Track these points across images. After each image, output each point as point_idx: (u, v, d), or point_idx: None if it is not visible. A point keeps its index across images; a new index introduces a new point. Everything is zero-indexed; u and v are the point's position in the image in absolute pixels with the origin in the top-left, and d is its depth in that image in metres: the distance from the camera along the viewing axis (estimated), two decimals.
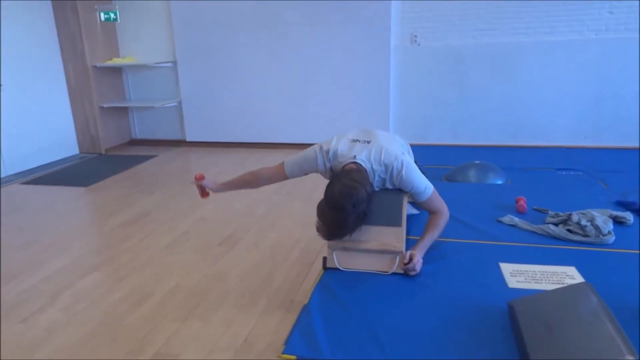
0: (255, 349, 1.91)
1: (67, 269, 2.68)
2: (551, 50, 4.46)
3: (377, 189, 1.81)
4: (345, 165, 1.74)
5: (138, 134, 5.85)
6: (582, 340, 1.18)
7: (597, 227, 1.91)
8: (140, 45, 5.47)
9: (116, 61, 5.40)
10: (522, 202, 2.28)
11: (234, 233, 3.09)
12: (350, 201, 1.57)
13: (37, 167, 4.90)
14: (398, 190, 1.83)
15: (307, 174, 1.95)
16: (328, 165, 1.82)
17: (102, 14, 5.22)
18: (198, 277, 2.53)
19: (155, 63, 5.28)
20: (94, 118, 5.30)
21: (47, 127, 5.04)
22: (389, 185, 1.83)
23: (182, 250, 2.87)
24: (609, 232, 1.90)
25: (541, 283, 1.61)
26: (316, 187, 3.90)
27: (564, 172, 3.58)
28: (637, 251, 1.81)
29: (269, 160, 4.84)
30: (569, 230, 1.96)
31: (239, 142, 5.44)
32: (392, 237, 1.72)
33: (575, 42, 4.39)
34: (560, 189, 3.02)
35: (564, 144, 4.53)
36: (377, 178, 1.77)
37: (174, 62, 5.39)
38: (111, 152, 5.48)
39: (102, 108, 5.34)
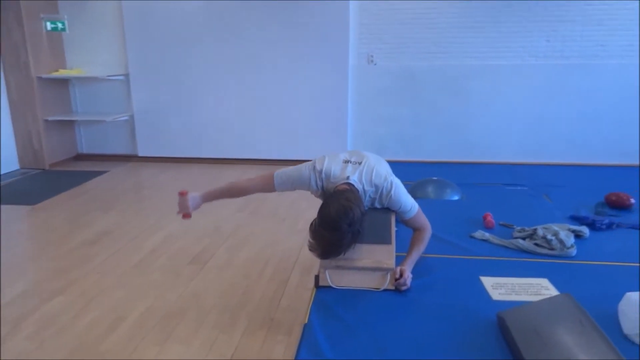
0: None
1: (26, 294, 2.53)
2: (497, 74, 4.77)
3: (366, 209, 1.87)
4: (339, 185, 1.79)
5: (85, 148, 5.60)
6: (574, 346, 1.29)
7: (561, 241, 2.08)
8: (90, 56, 5.27)
9: (63, 73, 5.17)
10: (490, 218, 2.43)
11: (203, 251, 3.04)
12: (346, 221, 1.63)
13: None
14: (386, 209, 1.91)
15: (294, 190, 1.97)
16: (320, 184, 1.86)
17: (48, 24, 4.99)
18: (173, 298, 2.47)
19: (107, 76, 5.10)
20: (38, 131, 5.03)
21: None
22: (377, 205, 1.90)
23: (152, 269, 2.79)
24: (572, 245, 2.08)
25: (521, 295, 1.73)
26: (278, 205, 3.93)
27: (511, 188, 3.83)
28: (597, 262, 1.99)
29: (227, 177, 4.81)
30: (536, 244, 2.12)
31: (195, 157, 5.35)
32: (383, 254, 1.79)
33: (518, 66, 4.73)
34: (514, 203, 3.22)
35: (510, 160, 4.84)
36: (367, 198, 1.84)
37: (126, 75, 5.24)
38: (56, 168, 5.21)
39: (46, 121, 5.07)
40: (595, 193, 3.24)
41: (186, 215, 2.14)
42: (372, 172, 1.86)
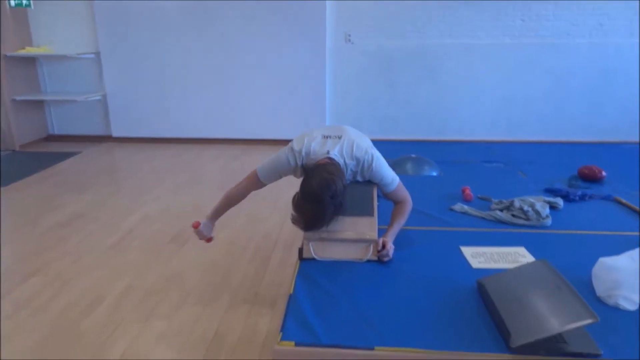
0: (228, 341, 1.90)
1: None
2: (471, 53, 4.81)
3: (348, 182, 1.87)
4: (320, 160, 1.79)
5: (56, 129, 5.43)
6: (551, 308, 1.34)
7: (537, 212, 2.13)
8: (58, 34, 5.08)
9: (30, 50, 4.97)
10: (469, 191, 2.48)
11: (182, 231, 3.00)
12: (328, 193, 1.63)
13: None
14: (368, 182, 1.92)
15: (281, 177, 1.95)
16: (299, 163, 1.85)
17: (12, 0, 4.79)
18: (153, 277, 2.45)
19: (77, 54, 4.93)
20: (5, 112, 4.85)
21: None
22: (359, 178, 1.91)
23: (130, 250, 2.75)
24: (547, 216, 2.13)
25: (499, 262, 1.77)
26: None
27: (487, 164, 3.89)
28: (572, 231, 2.05)
29: (206, 156, 4.75)
30: (513, 215, 2.17)
31: (171, 137, 5.26)
32: (366, 226, 1.80)
33: (492, 45, 4.77)
34: (490, 179, 3.29)
35: (485, 138, 4.91)
36: (348, 171, 1.84)
37: (97, 53, 5.08)
38: (27, 149, 5.05)
39: (14, 101, 4.90)
40: (567, 168, 3.33)
41: (208, 240, 2.16)
42: (352, 145, 1.86)
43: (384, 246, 1.76)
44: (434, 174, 3.56)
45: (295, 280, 1.64)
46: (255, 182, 1.97)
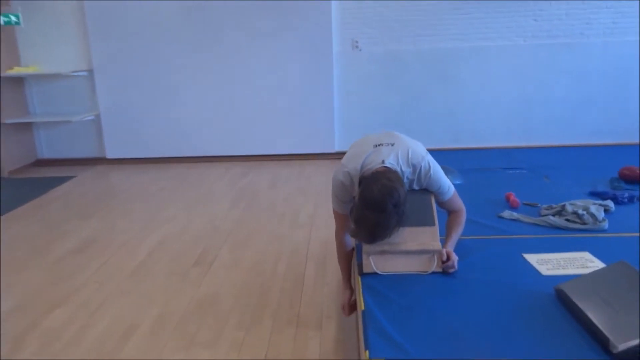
0: None
1: (19, 309, 2.42)
2: (485, 55, 4.91)
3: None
4: (376, 168, 1.80)
5: (46, 153, 5.39)
6: None
7: (592, 215, 2.17)
8: (47, 52, 5.07)
9: (19, 70, 4.96)
10: (514, 197, 2.51)
11: (204, 252, 3.00)
12: (391, 201, 1.63)
13: None
14: (424, 190, 1.93)
15: (352, 200, 1.90)
16: (355, 181, 1.85)
17: (1, 17, 4.78)
18: (184, 302, 2.43)
19: (71, 72, 4.92)
20: None
21: None
22: (415, 186, 1.92)
23: (154, 274, 2.73)
24: (604, 219, 2.17)
25: (568, 268, 1.80)
26: (273, 200, 3.92)
27: (510, 171, 3.93)
28: (631, 234, 2.10)
29: (211, 175, 4.74)
30: (567, 220, 2.21)
31: (171, 157, 5.25)
32: (428, 236, 1.82)
33: (506, 47, 4.89)
34: (520, 185, 3.33)
35: (502, 144, 4.99)
36: (405, 180, 1.85)
37: (90, 71, 5.08)
38: (16, 175, 4.99)
39: (3, 125, 4.85)
40: (598, 170, 3.39)
41: (352, 309, 2.06)
42: (407, 152, 1.87)
43: (448, 257, 1.78)
44: (459, 182, 3.61)
45: (363, 296, 1.64)
46: (341, 217, 1.96)
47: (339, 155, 3.67)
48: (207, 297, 2.46)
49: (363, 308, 1.58)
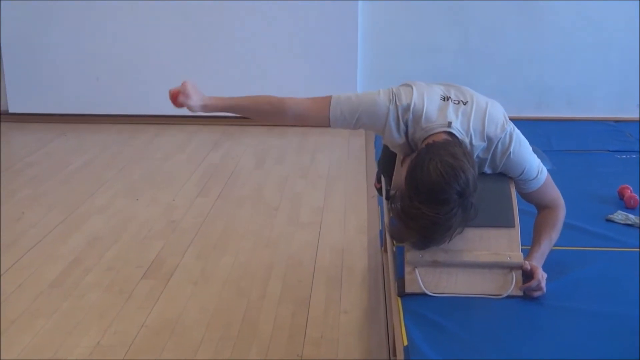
0: None
1: None
2: None
3: None
4: (434, 135, 1.82)
5: None
6: None
7: None
8: None
9: None
10: (630, 193, 2.57)
11: (159, 260, 3.03)
12: (457, 188, 1.63)
13: None
14: (500, 175, 1.96)
15: (356, 128, 1.98)
16: (404, 129, 1.87)
17: None
18: (131, 330, 2.46)
19: None
20: None
21: None
22: (487, 169, 1.95)
23: (85, 288, 2.76)
24: None
25: None
26: (261, 185, 3.94)
27: (625, 155, 3.94)
28: None
29: (167, 143, 4.78)
30: None
31: (106, 114, 5.35)
32: (504, 243, 1.83)
33: None
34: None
35: (608, 115, 4.99)
36: (475, 158, 1.87)
37: None
38: None
39: None
40: None
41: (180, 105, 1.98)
42: (484, 116, 1.89)
43: (533, 275, 1.80)
44: (547, 167, 3.63)
45: (405, 327, 1.68)
46: (321, 115, 1.95)
47: None
48: (165, 325, 2.49)
49: (406, 344, 1.61)
